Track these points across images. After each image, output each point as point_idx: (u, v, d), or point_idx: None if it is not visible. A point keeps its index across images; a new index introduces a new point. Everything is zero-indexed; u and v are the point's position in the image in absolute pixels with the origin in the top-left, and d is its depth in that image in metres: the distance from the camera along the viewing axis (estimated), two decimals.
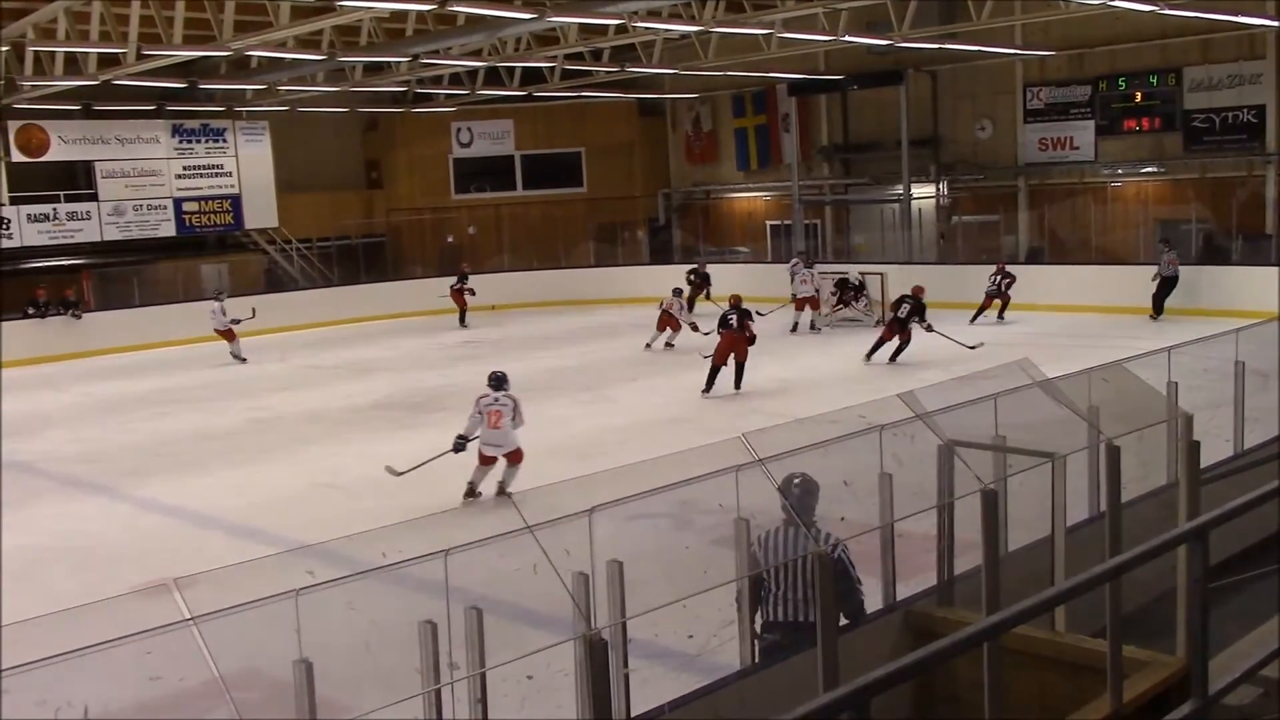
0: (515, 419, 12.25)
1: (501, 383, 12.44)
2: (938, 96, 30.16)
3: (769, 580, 6.30)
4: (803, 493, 6.23)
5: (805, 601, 6.23)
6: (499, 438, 12.21)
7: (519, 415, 12.26)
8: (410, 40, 22.58)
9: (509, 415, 12.20)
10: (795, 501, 6.20)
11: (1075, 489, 7.18)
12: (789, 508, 6.18)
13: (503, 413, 12.19)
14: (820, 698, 2.76)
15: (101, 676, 4.20)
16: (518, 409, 12.27)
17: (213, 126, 30.82)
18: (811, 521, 6.18)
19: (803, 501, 6.22)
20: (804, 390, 17.61)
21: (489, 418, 12.20)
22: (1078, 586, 3.68)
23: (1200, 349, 9.96)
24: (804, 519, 6.17)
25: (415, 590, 5.05)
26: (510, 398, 12.31)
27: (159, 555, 11.05)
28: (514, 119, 34.32)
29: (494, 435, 12.20)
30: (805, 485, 6.27)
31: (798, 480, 6.25)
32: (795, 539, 6.19)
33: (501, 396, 12.30)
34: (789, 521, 6.21)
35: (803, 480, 6.27)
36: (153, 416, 18.46)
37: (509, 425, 12.22)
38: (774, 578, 6.28)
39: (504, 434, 12.20)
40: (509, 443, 12.27)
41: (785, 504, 6.19)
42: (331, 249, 32.15)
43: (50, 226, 28.36)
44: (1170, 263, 23.15)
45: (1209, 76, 25.86)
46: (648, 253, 34.05)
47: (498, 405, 12.23)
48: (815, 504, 6.26)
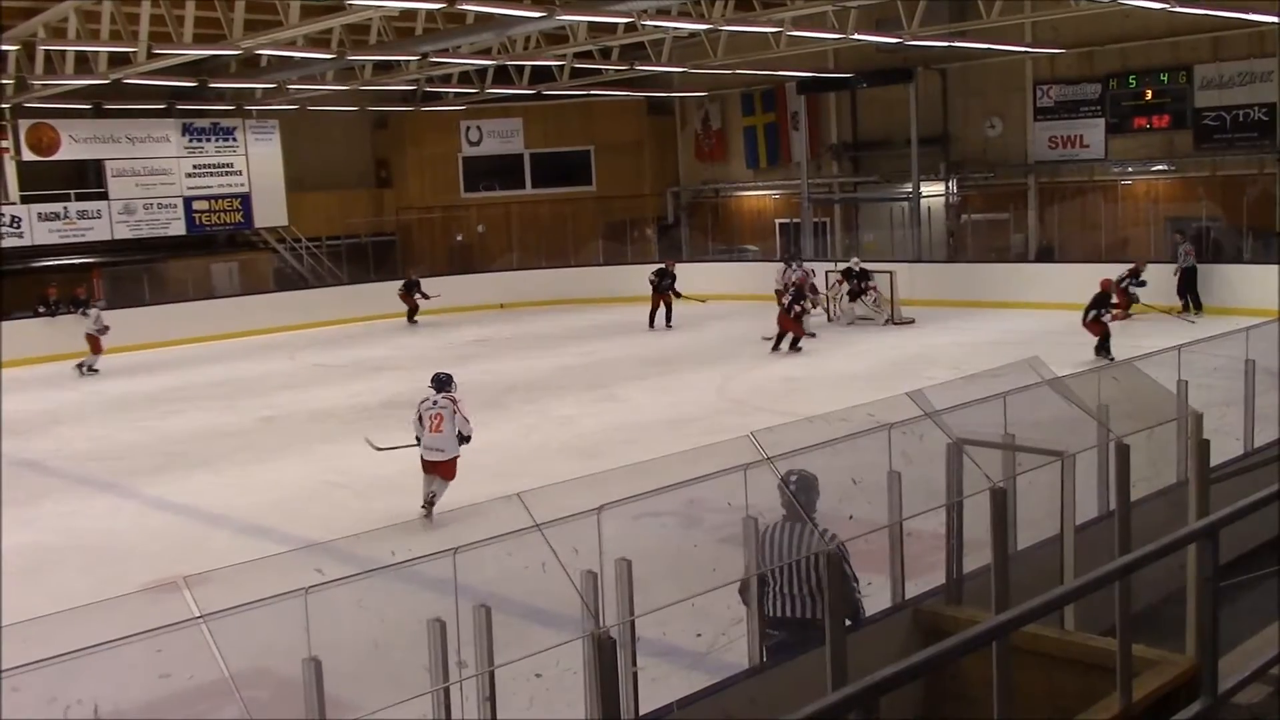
0: (456, 423, 11.61)
1: (444, 385, 11.84)
2: (947, 94, 30.09)
3: (770, 576, 6.29)
4: (799, 489, 6.20)
5: (803, 598, 6.22)
6: (439, 442, 11.59)
7: (460, 418, 11.62)
8: (420, 39, 22.59)
9: (449, 419, 11.58)
10: (792, 497, 6.18)
11: (1084, 487, 7.17)
12: (792, 503, 6.16)
13: (443, 416, 11.59)
14: (829, 696, 2.76)
15: (111, 674, 4.21)
16: (458, 412, 11.64)
17: (223, 125, 30.87)
18: (810, 519, 6.17)
19: (799, 498, 6.20)
20: (812, 389, 17.59)
21: (430, 422, 11.63)
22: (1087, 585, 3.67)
23: (1210, 347, 9.95)
24: (799, 515, 6.15)
25: (424, 588, 5.05)
26: (450, 399, 11.72)
27: (168, 553, 11.07)
28: (523, 117, 34.33)
29: (434, 440, 11.62)
30: (801, 482, 6.23)
31: (794, 477, 6.21)
32: (794, 535, 6.17)
33: (441, 399, 11.71)
34: (788, 517, 6.19)
35: (799, 477, 6.23)
36: (162, 415, 18.51)
37: (450, 430, 11.58)
38: (773, 574, 6.27)
39: (445, 438, 11.58)
40: (450, 449, 11.62)
41: (788, 499, 6.18)
42: (341, 248, 32.18)
43: (61, 225, 28.43)
44: (1187, 253, 23.15)
45: (1220, 74, 25.77)
46: (657, 251, 34.00)
47: (437, 409, 11.65)
48: (815, 500, 6.23)
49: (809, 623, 6.12)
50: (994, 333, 21.33)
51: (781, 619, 6.26)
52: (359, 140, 35.01)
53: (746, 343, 22.70)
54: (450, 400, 11.70)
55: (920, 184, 29.24)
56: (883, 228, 31.12)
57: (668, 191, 35.99)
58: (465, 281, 31.59)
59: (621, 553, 5.21)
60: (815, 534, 6.09)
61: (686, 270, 29.12)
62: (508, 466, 13.53)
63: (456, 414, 11.61)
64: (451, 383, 11.95)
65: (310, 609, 4.46)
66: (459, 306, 29.98)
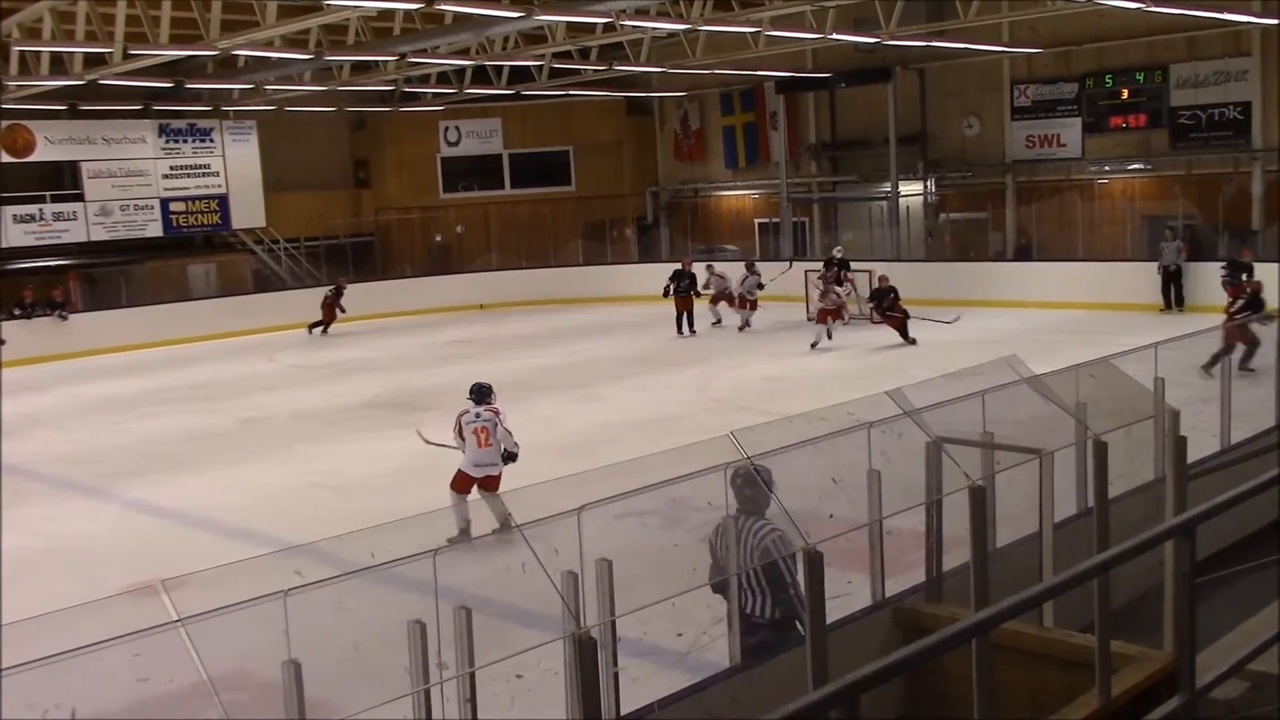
0: (501, 434, 10.92)
1: (484, 395, 11.10)
2: (925, 94, 30.18)
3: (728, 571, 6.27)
4: (744, 483, 6.14)
5: (752, 594, 6.20)
6: (491, 457, 10.87)
7: (503, 431, 10.91)
8: (398, 39, 22.54)
9: (495, 432, 10.89)
10: (737, 491, 6.14)
11: (1063, 485, 7.21)
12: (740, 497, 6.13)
13: (489, 429, 10.87)
14: (810, 695, 2.76)
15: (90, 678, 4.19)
16: (500, 425, 10.93)
17: (200, 126, 30.73)
18: (760, 514, 6.12)
19: (745, 494, 6.15)
20: (793, 388, 17.62)
21: (478, 436, 10.88)
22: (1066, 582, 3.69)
23: (1187, 345, 10.02)
24: (750, 510, 6.13)
25: (404, 590, 5.04)
26: (494, 411, 11.02)
27: (148, 556, 11.01)
28: (502, 118, 34.28)
29: (485, 455, 10.86)
30: (746, 476, 6.14)
31: (742, 471, 6.14)
32: (739, 530, 6.15)
33: (484, 412, 10.99)
34: (740, 510, 6.16)
35: (745, 472, 6.13)
36: (142, 417, 18.42)
37: (496, 443, 10.89)
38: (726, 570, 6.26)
39: (495, 452, 10.88)
40: (498, 464, 10.92)
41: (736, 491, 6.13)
42: (319, 249, 32.07)
43: (36, 227, 28.24)
44: (1180, 251, 23.23)
45: (1195, 73, 25.92)
46: (636, 251, 34.04)
47: (481, 422, 10.91)
48: (764, 495, 6.13)
49: (748, 617, 6.13)
50: (972, 331, 21.40)
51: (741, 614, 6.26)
52: (337, 141, 34.91)
53: (728, 342, 22.74)
54: (494, 412, 10.99)
55: (899, 183, 29.34)
56: (861, 227, 31.22)
57: (647, 191, 36.00)
58: (445, 282, 31.55)
59: (602, 553, 5.21)
60: (756, 527, 6.08)
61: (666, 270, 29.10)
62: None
63: (499, 427, 10.89)
64: (492, 392, 11.16)
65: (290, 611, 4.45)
66: (439, 307, 29.93)
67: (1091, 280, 24.85)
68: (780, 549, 6.10)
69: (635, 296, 30.07)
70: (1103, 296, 24.03)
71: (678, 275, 24.68)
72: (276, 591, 4.47)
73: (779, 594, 6.19)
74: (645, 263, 32.67)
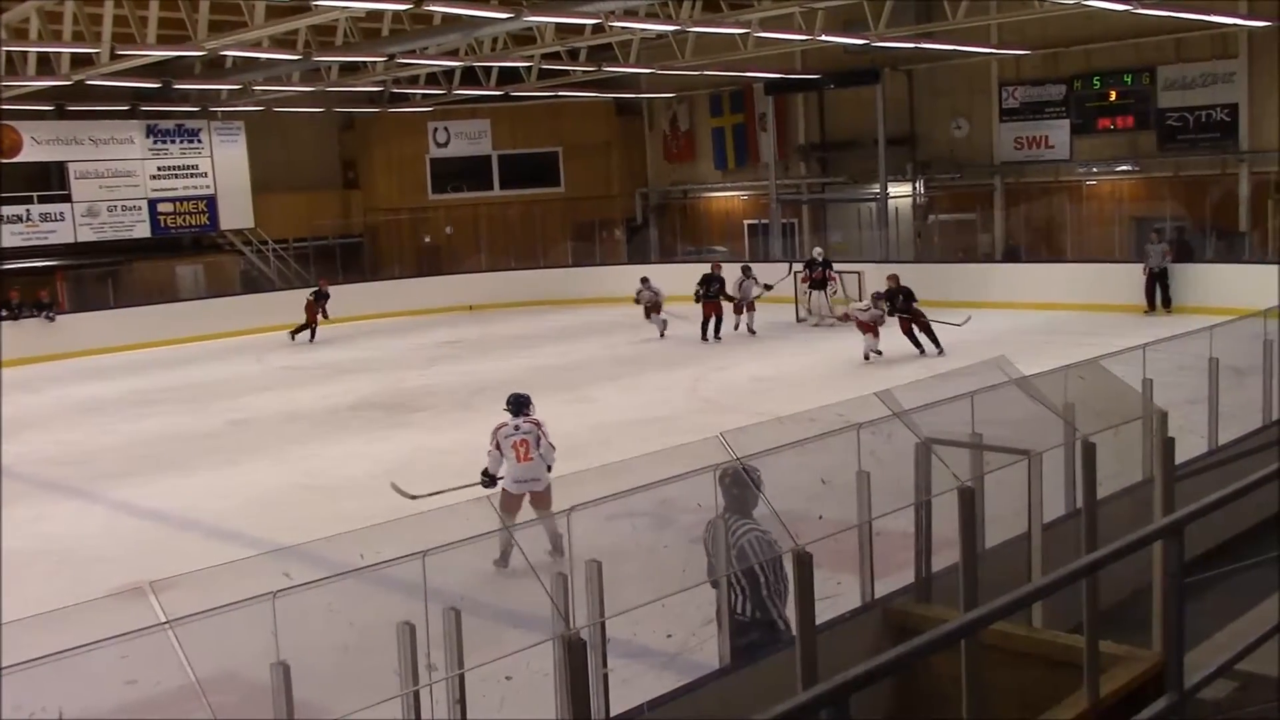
0: (544, 448, 10.27)
1: (522, 406, 10.50)
2: (914, 95, 30.25)
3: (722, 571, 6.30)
4: (732, 484, 6.16)
5: (734, 592, 6.22)
6: (534, 471, 10.21)
7: (546, 445, 10.28)
8: (386, 40, 22.51)
9: (537, 445, 10.26)
10: (725, 494, 6.16)
11: (1051, 486, 7.21)
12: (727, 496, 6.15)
13: (529, 442, 10.23)
14: (799, 696, 2.76)
15: (77, 680, 4.18)
16: (543, 438, 10.30)
17: (187, 127, 30.67)
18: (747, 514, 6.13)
19: (732, 493, 6.16)
20: (783, 389, 17.64)
21: (516, 451, 10.24)
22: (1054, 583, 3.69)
23: (1175, 346, 10.03)
24: (737, 510, 6.14)
25: (393, 591, 5.03)
26: (534, 423, 10.41)
27: (136, 558, 10.98)
28: (491, 119, 34.26)
29: (527, 470, 10.20)
30: (735, 478, 6.14)
31: (730, 471, 6.14)
32: (723, 530, 6.16)
33: (524, 424, 10.36)
34: (728, 509, 6.17)
35: (733, 472, 6.14)
36: (129, 418, 18.36)
37: (539, 457, 10.25)
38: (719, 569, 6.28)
39: (537, 466, 10.23)
40: (545, 476, 10.22)
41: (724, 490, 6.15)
42: (308, 250, 32.01)
43: (23, 228, 28.16)
44: (1165, 254, 23.29)
45: (1183, 75, 26.01)
46: (626, 252, 34.04)
47: (521, 435, 10.27)
48: (751, 495, 6.13)
49: (733, 615, 6.15)
50: (961, 332, 21.41)
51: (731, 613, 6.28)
52: (325, 142, 34.85)
53: (716, 343, 22.74)
54: (534, 424, 10.40)
55: (888, 184, 29.37)
56: (850, 228, 31.27)
57: (636, 192, 36.00)
58: (434, 283, 31.52)
59: (592, 554, 5.21)
60: (738, 530, 6.09)
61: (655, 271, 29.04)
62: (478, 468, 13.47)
63: (542, 440, 10.30)
64: (530, 403, 10.61)
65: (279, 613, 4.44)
66: (428, 309, 29.90)
67: (1080, 281, 24.91)
68: (757, 549, 6.10)
69: (625, 298, 29.98)
70: (1091, 298, 24.09)
71: (707, 280, 23.79)
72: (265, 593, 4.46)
73: (755, 593, 6.21)
74: (634, 264, 32.69)
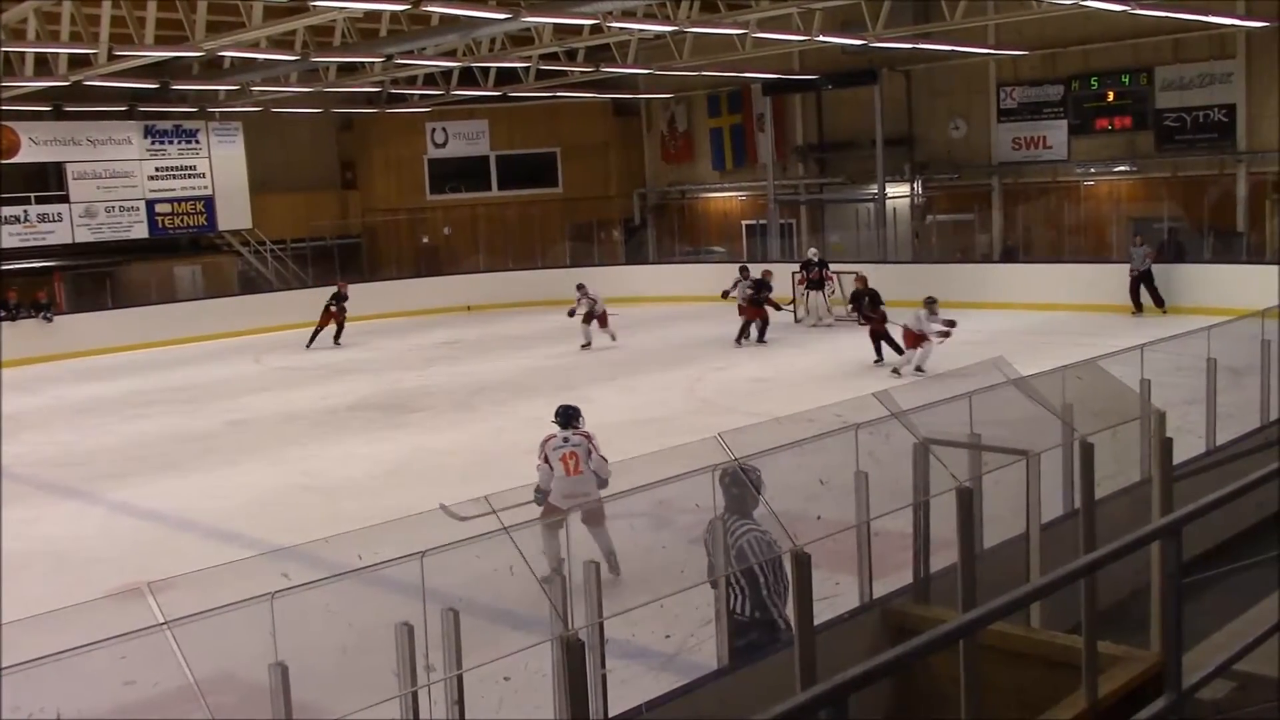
0: (595, 461, 9.74)
1: (570, 419, 10.01)
2: (912, 96, 30.25)
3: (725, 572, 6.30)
4: (732, 484, 6.15)
5: (736, 594, 6.22)
6: (583, 485, 9.63)
7: (597, 459, 9.74)
8: (384, 40, 22.51)
9: (587, 459, 9.75)
10: (725, 493, 6.15)
11: (1050, 486, 7.22)
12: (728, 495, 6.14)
13: (579, 455, 9.74)
14: (798, 696, 2.76)
15: (75, 681, 4.17)
16: (594, 451, 9.80)
17: (185, 127, 30.64)
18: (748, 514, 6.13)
19: (732, 493, 6.16)
20: (781, 389, 17.64)
21: (565, 465, 9.75)
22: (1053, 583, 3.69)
23: (1173, 346, 10.04)
24: (737, 510, 6.14)
25: (392, 592, 5.03)
26: (584, 436, 9.92)
27: (134, 559, 10.98)
28: (489, 119, 34.26)
29: (576, 485, 9.62)
30: (735, 478, 6.13)
31: (730, 471, 6.13)
32: (723, 530, 6.16)
33: (574, 436, 9.88)
34: (728, 509, 6.17)
35: (733, 471, 6.12)
36: (127, 419, 18.35)
37: (590, 470, 9.70)
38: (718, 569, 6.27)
39: (586, 480, 9.68)
40: (594, 491, 9.57)
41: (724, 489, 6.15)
42: (306, 250, 32.00)
43: (21, 228, 28.13)
44: (1147, 256, 23.27)
45: (1180, 76, 26.03)
46: (623, 253, 34.05)
47: (570, 447, 9.78)
48: (751, 495, 6.13)
49: (732, 615, 6.15)
50: (959, 333, 21.40)
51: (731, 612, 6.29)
52: (323, 142, 34.84)
53: (714, 344, 22.73)
54: (584, 436, 9.94)
55: (885, 185, 29.38)
56: (848, 228, 31.28)
57: (634, 193, 36.01)
58: (432, 284, 31.51)
59: (590, 555, 5.21)
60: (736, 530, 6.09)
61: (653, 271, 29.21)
62: (476, 468, 13.51)
63: (593, 453, 9.82)
64: (580, 415, 10.12)
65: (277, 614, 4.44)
66: (426, 309, 29.89)
67: (1078, 282, 24.92)
68: (757, 549, 6.10)
69: (622, 298, 30.05)
70: (1089, 298, 24.09)
71: (759, 284, 23.30)
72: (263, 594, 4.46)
73: (755, 593, 6.21)
74: (633, 264, 32.74)
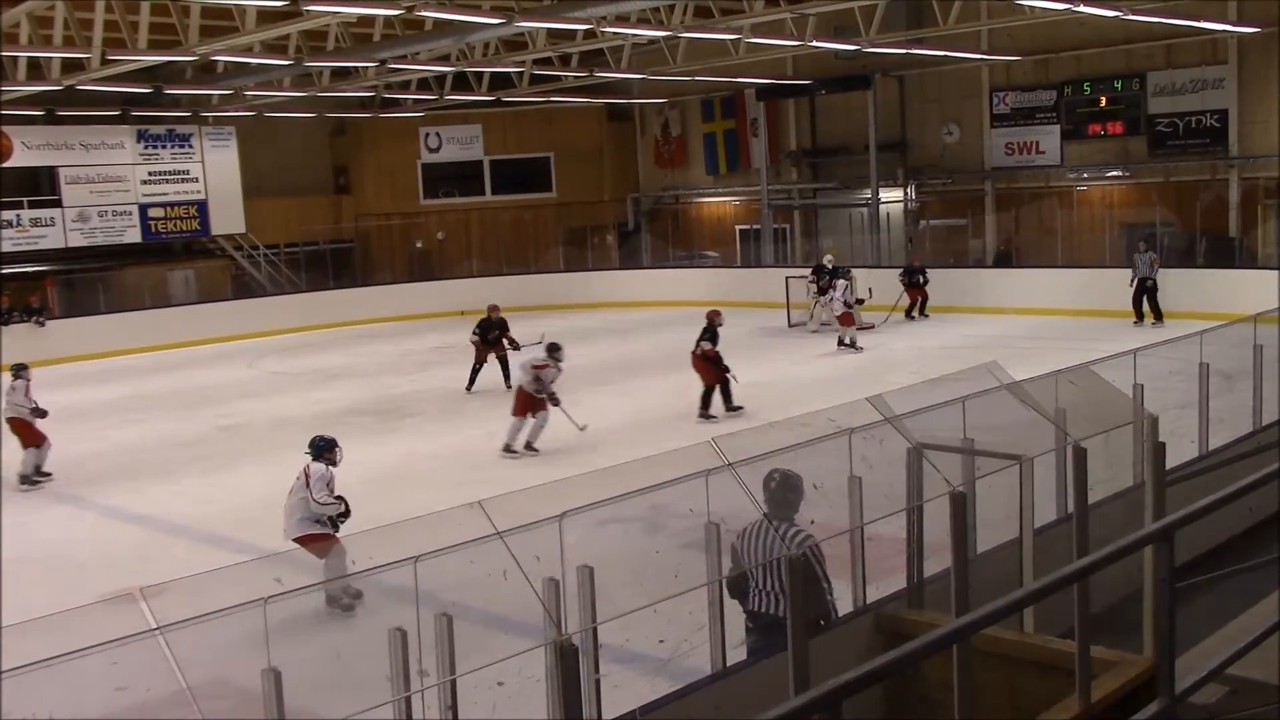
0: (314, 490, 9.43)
1: (321, 450, 9.76)
2: (905, 101, 30.30)
3: (752, 575, 6.32)
4: (780, 488, 6.24)
5: (776, 595, 6.26)
6: (285, 515, 9.58)
7: (316, 489, 9.41)
8: (378, 45, 22.51)
9: (301, 489, 9.50)
10: (771, 497, 6.21)
11: (1043, 491, 7.23)
12: (772, 501, 6.20)
13: (295, 486, 9.60)
14: (792, 700, 2.76)
15: (67, 687, 4.16)
16: (311, 484, 9.45)
17: (178, 132, 30.62)
18: (789, 519, 6.19)
19: (779, 497, 6.23)
20: (774, 394, 17.63)
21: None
22: (1046, 587, 3.70)
23: (1165, 351, 10.05)
24: (780, 515, 6.19)
25: (385, 597, 5.03)
26: (315, 472, 9.58)
27: (126, 564, 10.95)
28: (483, 124, 34.26)
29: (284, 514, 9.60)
30: (784, 482, 6.26)
31: (776, 476, 6.25)
32: (769, 535, 6.20)
33: (310, 468, 9.63)
34: (769, 515, 6.22)
35: (781, 477, 6.26)
36: (119, 424, 18.30)
37: (297, 499, 9.51)
38: (753, 573, 6.30)
39: (291, 508, 9.57)
40: (297, 525, 9.45)
41: (768, 496, 6.21)
42: (299, 255, 31.98)
43: (14, 233, 28.07)
44: (1154, 263, 23.03)
45: (1172, 81, 26.10)
46: (617, 257, 34.06)
47: (298, 478, 9.65)
48: (797, 500, 6.25)
49: (781, 621, 6.16)
50: (953, 337, 21.47)
51: (758, 614, 6.32)
52: (317, 147, 34.81)
53: None
54: (308, 475, 9.57)
55: (879, 190, 29.42)
56: (842, 233, 31.29)
57: (628, 198, 36.02)
58: (425, 288, 31.50)
59: (583, 559, 5.20)
60: (787, 534, 6.12)
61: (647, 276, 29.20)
62: (469, 473, 13.50)
63: (311, 487, 9.44)
64: (333, 449, 9.78)
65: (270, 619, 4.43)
66: (419, 314, 29.88)
67: (1071, 286, 24.96)
68: (816, 553, 6.21)
69: (616, 303, 30.11)
70: (1082, 303, 24.13)
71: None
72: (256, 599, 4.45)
73: (814, 596, 6.27)
74: (626, 269, 32.75)
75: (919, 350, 19.92)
